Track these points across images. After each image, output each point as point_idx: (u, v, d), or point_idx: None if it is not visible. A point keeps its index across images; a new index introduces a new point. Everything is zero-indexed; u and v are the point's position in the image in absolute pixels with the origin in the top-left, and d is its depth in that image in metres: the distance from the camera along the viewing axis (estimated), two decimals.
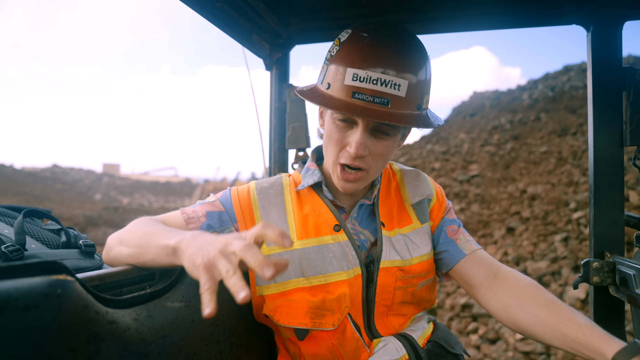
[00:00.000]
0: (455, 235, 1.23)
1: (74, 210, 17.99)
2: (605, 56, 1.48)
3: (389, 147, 1.08)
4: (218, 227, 1.15)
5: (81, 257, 1.28)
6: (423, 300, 1.23)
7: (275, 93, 1.83)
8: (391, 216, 1.20)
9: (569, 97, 13.65)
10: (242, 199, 1.18)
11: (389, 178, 1.27)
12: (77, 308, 0.68)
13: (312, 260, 1.10)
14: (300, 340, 1.10)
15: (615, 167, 1.48)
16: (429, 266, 1.20)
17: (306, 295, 1.08)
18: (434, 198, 1.26)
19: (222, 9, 1.44)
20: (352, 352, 1.11)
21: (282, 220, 1.15)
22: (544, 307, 1.03)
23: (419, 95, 1.03)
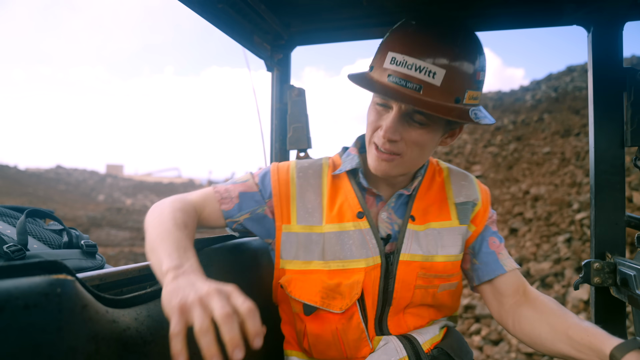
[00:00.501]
0: (498, 248, 1.21)
1: (77, 211, 18.05)
2: (606, 57, 1.48)
3: (424, 137, 1.05)
4: (249, 208, 1.17)
5: (83, 257, 1.28)
6: (444, 305, 1.20)
7: (277, 94, 1.83)
8: (426, 211, 1.18)
9: (572, 98, 13.61)
10: (282, 175, 1.20)
11: (434, 173, 1.25)
12: (76, 307, 0.68)
13: (332, 245, 1.12)
14: (306, 316, 1.12)
15: (616, 167, 1.48)
16: (454, 268, 1.17)
17: (323, 276, 1.11)
18: (480, 203, 1.23)
19: (223, 10, 1.44)
20: (353, 342, 1.11)
21: (317, 202, 1.17)
22: (556, 316, 1.09)
23: (459, 87, 1.01)
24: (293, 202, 1.16)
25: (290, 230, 1.15)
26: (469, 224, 1.21)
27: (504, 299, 1.19)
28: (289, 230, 1.15)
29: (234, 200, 1.17)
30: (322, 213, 1.16)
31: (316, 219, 1.15)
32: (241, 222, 1.18)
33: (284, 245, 1.15)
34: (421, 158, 1.11)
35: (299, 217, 1.15)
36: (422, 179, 1.21)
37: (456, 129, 1.14)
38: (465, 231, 1.20)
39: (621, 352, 0.90)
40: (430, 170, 1.25)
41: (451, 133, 1.14)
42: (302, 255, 1.13)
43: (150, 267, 0.91)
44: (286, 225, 1.15)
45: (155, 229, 0.95)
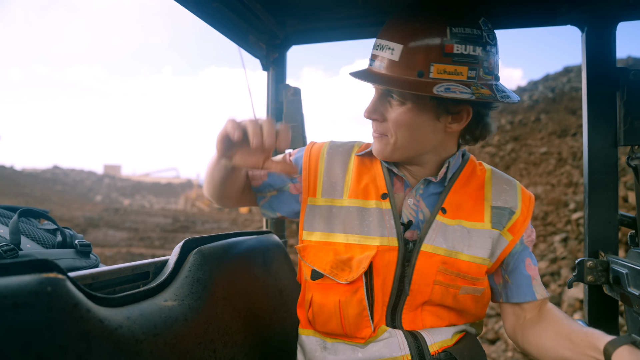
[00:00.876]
0: (533, 272, 1.17)
1: (74, 212, 18.02)
2: (600, 57, 1.49)
3: (405, 116, 1.05)
4: (278, 184, 1.25)
5: (76, 256, 1.28)
6: (466, 311, 1.14)
7: (272, 93, 1.83)
8: (460, 206, 1.14)
9: (569, 98, 13.65)
10: (314, 151, 1.25)
11: (473, 171, 1.21)
12: (67, 306, 0.68)
13: (353, 219, 1.14)
14: (312, 280, 1.14)
15: (609, 167, 1.48)
16: (478, 272, 1.11)
17: (340, 248, 1.13)
18: (519, 212, 1.16)
19: (218, 9, 1.44)
20: (353, 318, 1.10)
21: (341, 176, 1.20)
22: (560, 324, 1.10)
23: (420, 61, 1.01)
24: (320, 176, 1.21)
25: (315, 203, 1.20)
26: (503, 230, 1.15)
27: (522, 318, 1.18)
28: (314, 203, 1.20)
29: (263, 178, 1.25)
30: (345, 187, 1.19)
31: (338, 192, 1.19)
32: (268, 199, 1.26)
33: (307, 217, 1.19)
34: (412, 140, 1.08)
35: (324, 190, 1.20)
36: (459, 173, 1.18)
37: (457, 112, 1.08)
38: (498, 237, 1.14)
39: (614, 346, 0.92)
40: (470, 166, 1.21)
41: (453, 117, 1.08)
42: (323, 227, 1.17)
43: (218, 180, 1.13)
44: (311, 198, 1.20)
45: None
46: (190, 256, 1.11)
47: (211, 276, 1.11)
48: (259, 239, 1.45)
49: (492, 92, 1.03)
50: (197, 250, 1.13)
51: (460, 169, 1.18)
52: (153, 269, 1.10)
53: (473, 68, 1.02)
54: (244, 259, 1.29)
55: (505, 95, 1.05)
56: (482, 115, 1.11)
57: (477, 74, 1.02)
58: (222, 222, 17.37)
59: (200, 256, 1.12)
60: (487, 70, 1.04)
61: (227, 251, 1.23)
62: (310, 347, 1.18)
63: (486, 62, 1.04)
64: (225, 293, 1.15)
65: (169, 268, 1.07)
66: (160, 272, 1.09)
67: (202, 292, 1.06)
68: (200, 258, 1.11)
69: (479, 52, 1.02)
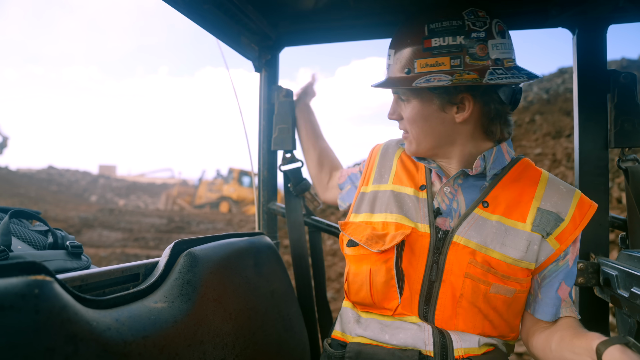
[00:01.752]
0: (564, 295, 1.16)
1: (69, 212, 17.93)
2: (590, 59, 1.50)
3: (413, 110, 1.19)
4: (350, 182, 1.50)
5: (67, 258, 1.28)
6: (500, 317, 1.13)
7: (265, 95, 1.83)
8: (503, 202, 1.15)
9: (563, 100, 13.72)
10: (375, 150, 1.43)
11: (526, 169, 1.21)
12: (55, 308, 0.68)
13: (394, 201, 1.24)
14: (348, 247, 1.25)
15: (600, 169, 1.49)
16: (510, 270, 1.10)
17: (378, 226, 1.23)
18: (568, 219, 1.13)
19: (210, 10, 1.44)
20: (381, 286, 1.16)
21: (389, 166, 1.35)
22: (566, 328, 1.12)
23: (406, 60, 1.16)
24: (374, 168, 1.37)
25: (366, 190, 1.34)
26: (549, 237, 1.12)
27: (539, 326, 1.19)
28: (365, 190, 1.34)
29: (345, 178, 1.53)
30: (391, 175, 1.32)
31: (385, 179, 1.32)
32: (346, 192, 1.51)
33: (357, 203, 1.34)
34: (426, 133, 1.19)
35: (374, 179, 1.35)
36: (510, 167, 1.20)
37: (460, 102, 1.13)
38: (540, 241, 1.12)
39: (605, 346, 0.93)
40: (522, 164, 1.22)
41: (458, 107, 1.14)
42: (368, 209, 1.29)
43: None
44: (364, 187, 1.35)
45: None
46: (180, 258, 1.11)
47: (202, 278, 1.11)
48: (251, 240, 1.45)
49: (481, 76, 1.07)
50: (188, 252, 1.13)
51: (509, 167, 1.21)
52: (143, 271, 1.09)
53: (456, 57, 1.10)
54: (235, 261, 1.29)
55: (504, 76, 1.09)
56: (488, 103, 1.14)
57: (462, 62, 1.10)
58: (217, 223, 17.33)
59: (191, 258, 1.12)
60: (476, 56, 1.10)
61: (218, 253, 1.23)
62: (346, 317, 1.27)
63: (472, 48, 1.10)
64: (216, 295, 1.15)
65: (159, 270, 1.07)
66: (150, 274, 1.09)
67: (192, 293, 1.06)
68: (190, 260, 1.11)
69: (460, 41, 1.10)
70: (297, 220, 1.77)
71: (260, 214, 1.86)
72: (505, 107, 1.17)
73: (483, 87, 1.11)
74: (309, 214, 1.81)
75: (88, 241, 11.95)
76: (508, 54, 1.13)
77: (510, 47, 1.15)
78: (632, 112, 1.43)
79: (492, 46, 1.11)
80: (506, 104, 1.16)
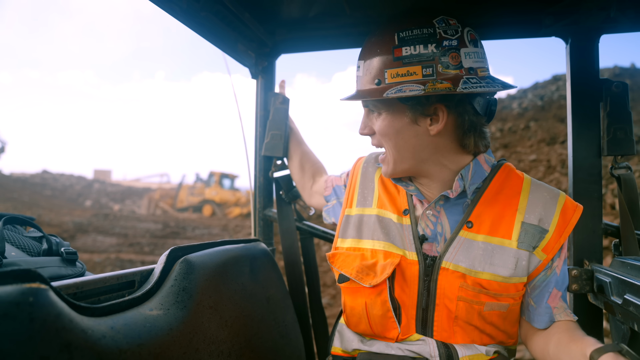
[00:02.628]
0: (554, 301, 1.15)
1: (63, 217, 17.83)
2: (583, 68, 1.51)
3: (384, 123, 1.14)
4: (336, 198, 1.45)
5: (62, 264, 1.27)
6: (497, 330, 1.14)
7: (261, 101, 1.84)
8: (488, 219, 1.13)
9: (557, 106, 13.81)
10: (356, 167, 1.40)
11: (507, 177, 1.18)
12: (49, 316, 0.68)
13: (381, 227, 1.22)
14: (339, 284, 1.23)
15: (593, 176, 1.50)
16: (500, 289, 1.10)
17: (367, 254, 1.21)
18: (552, 231, 1.12)
19: (207, 18, 1.44)
20: (379, 318, 1.16)
21: (372, 188, 1.31)
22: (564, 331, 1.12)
23: (376, 71, 1.11)
24: (357, 189, 1.33)
25: (350, 213, 1.31)
26: (535, 250, 1.12)
27: (537, 329, 1.20)
28: (349, 213, 1.31)
29: (330, 190, 1.48)
30: (374, 197, 1.28)
31: (369, 202, 1.29)
32: (331, 206, 1.46)
33: (343, 226, 1.31)
34: (399, 147, 1.14)
35: (358, 201, 1.31)
36: (489, 182, 1.16)
37: (433, 113, 1.09)
38: (528, 257, 1.11)
39: (599, 353, 0.94)
40: (503, 173, 1.19)
41: (432, 119, 1.10)
42: (355, 234, 1.26)
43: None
44: (348, 209, 1.32)
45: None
46: (176, 265, 1.11)
47: (197, 285, 1.11)
48: (247, 247, 1.45)
49: (454, 85, 1.03)
50: (184, 259, 1.13)
51: (490, 177, 1.17)
52: (139, 278, 1.09)
53: (428, 66, 1.05)
54: (231, 267, 1.29)
55: (479, 85, 1.04)
56: (462, 114, 1.10)
57: (435, 70, 1.05)
58: (212, 228, 17.28)
59: (187, 265, 1.12)
60: (448, 64, 1.05)
61: (214, 259, 1.23)
62: (348, 337, 1.27)
63: (444, 57, 1.05)
64: (212, 302, 1.15)
65: (154, 277, 1.07)
66: (145, 281, 1.08)
67: (187, 301, 1.06)
68: (186, 267, 1.11)
69: (432, 49, 1.05)
70: (289, 227, 1.78)
71: (256, 220, 1.86)
72: (480, 118, 1.13)
73: (457, 96, 1.07)
74: (301, 219, 1.81)
75: (82, 246, 11.88)
76: (481, 63, 1.10)
77: (483, 56, 1.12)
78: (624, 120, 1.45)
79: (464, 54, 1.06)
80: (481, 115, 1.12)
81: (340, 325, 1.31)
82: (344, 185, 1.43)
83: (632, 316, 1.12)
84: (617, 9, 1.39)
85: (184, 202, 27.14)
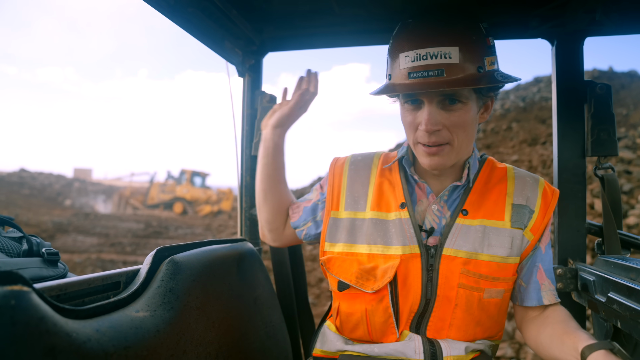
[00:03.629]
0: (542, 278, 1.20)
1: (42, 216, 17.47)
2: (568, 70, 1.53)
3: (464, 116, 1.09)
4: (310, 217, 1.35)
5: (43, 265, 1.24)
6: (491, 320, 1.17)
7: (248, 100, 1.82)
8: (481, 205, 1.17)
9: (539, 108, 14.04)
10: (337, 169, 1.33)
11: (493, 168, 1.25)
12: (32, 320, 0.66)
13: (376, 230, 1.19)
14: (339, 292, 1.19)
15: (577, 177, 1.53)
16: (499, 271, 1.14)
17: (363, 259, 1.18)
18: (537, 212, 1.19)
19: (194, 14, 1.42)
20: (379, 325, 1.15)
21: (363, 191, 1.26)
22: (558, 323, 1.14)
23: (477, 57, 1.06)
24: (343, 191, 1.28)
25: (338, 216, 1.26)
26: (525, 230, 1.18)
27: (528, 315, 1.23)
28: (337, 216, 1.26)
29: (299, 214, 1.36)
30: (367, 200, 1.24)
31: (361, 205, 1.24)
32: (306, 231, 1.36)
33: (330, 230, 1.25)
34: (467, 140, 1.13)
35: (347, 204, 1.26)
36: (479, 171, 1.22)
37: (488, 101, 1.16)
38: (521, 237, 1.17)
39: (590, 350, 0.96)
40: (489, 164, 1.25)
41: (485, 107, 1.16)
42: (346, 239, 1.22)
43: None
44: (334, 212, 1.27)
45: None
46: (162, 265, 1.09)
47: (184, 286, 1.09)
48: (233, 246, 1.43)
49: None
50: (170, 259, 1.11)
51: (479, 168, 1.23)
52: (124, 279, 1.07)
53: (496, 57, 1.12)
54: (218, 268, 1.28)
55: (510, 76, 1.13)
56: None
57: (497, 61, 1.12)
58: (195, 228, 17.12)
59: (173, 265, 1.10)
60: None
61: (201, 260, 1.21)
62: (332, 339, 1.24)
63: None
64: (199, 303, 1.13)
65: (140, 278, 1.05)
66: (131, 282, 1.06)
67: (174, 302, 1.04)
68: (173, 267, 1.09)
69: (492, 43, 1.12)
70: None
71: (243, 219, 1.84)
72: None
73: (501, 86, 1.14)
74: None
75: (62, 246, 11.65)
76: None
77: None
78: (607, 122, 1.47)
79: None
80: None
81: (324, 328, 1.29)
82: (319, 201, 1.33)
83: (615, 314, 1.13)
84: (602, 12, 1.41)
85: (155, 199, 26.97)
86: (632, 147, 9.08)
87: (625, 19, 1.47)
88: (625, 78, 15.80)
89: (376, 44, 1.72)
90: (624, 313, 1.07)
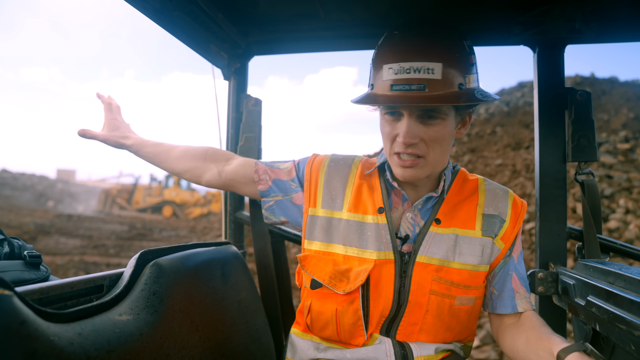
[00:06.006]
0: (517, 286, 1.22)
1: (23, 218, 17.17)
2: (550, 76, 1.56)
3: (442, 131, 1.10)
4: (280, 193, 1.33)
5: (25, 268, 1.23)
6: (461, 325, 1.19)
7: (233, 103, 1.82)
8: (453, 215, 1.20)
9: (522, 112, 14.23)
10: (315, 164, 1.32)
11: (465, 179, 1.27)
12: (13, 324, 0.65)
13: (352, 232, 1.19)
14: (311, 290, 1.21)
15: (558, 182, 1.56)
16: (471, 279, 1.17)
17: (338, 259, 1.19)
18: (508, 221, 1.22)
19: (180, 17, 1.42)
20: (348, 327, 1.17)
21: (341, 190, 1.26)
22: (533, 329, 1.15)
23: (458, 74, 1.06)
24: (320, 188, 1.27)
25: (315, 213, 1.26)
26: (496, 238, 1.20)
27: (504, 324, 1.25)
28: (314, 213, 1.26)
29: (269, 183, 1.34)
30: (344, 200, 1.25)
31: (338, 205, 1.25)
32: (273, 203, 1.34)
33: (308, 226, 1.26)
34: (443, 154, 1.14)
35: (324, 202, 1.26)
36: (452, 182, 1.24)
37: (466, 117, 1.18)
38: (492, 245, 1.20)
39: (565, 353, 0.98)
40: (461, 175, 1.28)
41: (463, 122, 1.18)
42: (323, 237, 1.23)
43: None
44: (312, 209, 1.27)
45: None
46: (146, 268, 1.09)
47: (168, 289, 1.09)
48: (218, 250, 1.43)
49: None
50: (154, 263, 1.10)
51: (452, 179, 1.25)
52: (107, 282, 1.06)
53: (477, 75, 1.13)
54: (202, 271, 1.27)
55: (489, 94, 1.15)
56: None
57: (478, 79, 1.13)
58: (180, 230, 16.99)
59: (157, 268, 1.09)
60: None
61: (185, 263, 1.21)
62: (302, 346, 1.26)
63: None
64: (183, 306, 1.13)
65: (124, 281, 1.04)
66: (114, 285, 1.05)
67: (158, 305, 1.04)
68: (156, 270, 1.09)
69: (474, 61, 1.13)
70: (262, 230, 1.77)
71: (227, 222, 1.84)
72: None
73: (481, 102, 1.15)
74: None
75: (44, 248, 11.46)
76: None
77: None
78: (587, 128, 1.51)
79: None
80: None
81: (291, 337, 1.30)
82: (291, 181, 1.33)
83: (594, 317, 1.16)
84: (582, 21, 1.45)
85: (140, 203, 26.74)
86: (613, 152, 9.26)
87: (604, 28, 1.51)
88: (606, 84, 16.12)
89: (361, 49, 1.74)
90: (602, 316, 1.09)
